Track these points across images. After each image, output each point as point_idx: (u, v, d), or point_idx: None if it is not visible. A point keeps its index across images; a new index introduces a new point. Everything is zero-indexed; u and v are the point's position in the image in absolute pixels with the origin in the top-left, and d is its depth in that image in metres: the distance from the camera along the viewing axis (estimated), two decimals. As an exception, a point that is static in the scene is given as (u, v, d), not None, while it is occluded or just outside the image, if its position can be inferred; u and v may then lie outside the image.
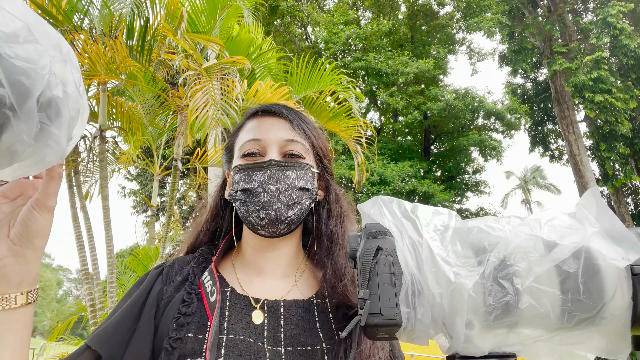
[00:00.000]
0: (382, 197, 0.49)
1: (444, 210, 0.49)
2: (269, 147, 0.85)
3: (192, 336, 0.75)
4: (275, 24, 16.74)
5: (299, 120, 0.90)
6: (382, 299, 0.45)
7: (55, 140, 0.49)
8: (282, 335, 0.79)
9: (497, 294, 0.42)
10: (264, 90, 4.41)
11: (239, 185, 0.84)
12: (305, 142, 0.88)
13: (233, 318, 0.79)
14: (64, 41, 0.52)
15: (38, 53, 0.45)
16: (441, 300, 0.43)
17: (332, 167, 0.94)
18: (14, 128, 0.44)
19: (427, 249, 0.44)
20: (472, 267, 0.44)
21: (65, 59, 0.51)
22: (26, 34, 0.45)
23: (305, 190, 0.85)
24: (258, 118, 0.90)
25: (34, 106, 0.44)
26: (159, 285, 0.84)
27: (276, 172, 0.82)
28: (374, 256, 0.46)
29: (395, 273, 0.46)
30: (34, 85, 0.44)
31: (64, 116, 0.49)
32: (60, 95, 0.48)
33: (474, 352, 0.44)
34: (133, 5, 4.26)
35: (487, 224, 0.46)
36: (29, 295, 0.60)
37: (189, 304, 0.79)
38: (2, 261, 0.57)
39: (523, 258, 0.43)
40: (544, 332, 0.44)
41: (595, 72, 14.63)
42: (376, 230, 0.49)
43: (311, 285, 0.89)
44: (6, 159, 0.46)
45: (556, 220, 0.46)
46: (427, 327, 0.44)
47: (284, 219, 0.82)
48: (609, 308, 0.43)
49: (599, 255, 0.43)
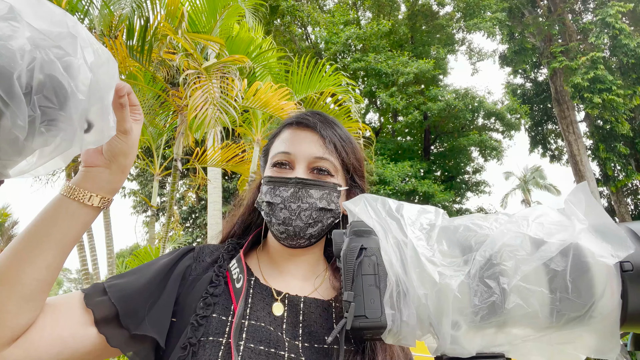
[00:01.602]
0: (366, 195, 0.48)
1: (431, 209, 0.48)
2: (298, 162, 0.88)
3: (216, 317, 0.78)
4: (275, 24, 16.73)
5: (332, 135, 0.90)
6: (366, 301, 0.44)
7: (67, 122, 0.47)
8: (300, 331, 0.81)
9: (482, 294, 0.42)
10: (263, 90, 4.40)
11: (264, 197, 0.87)
12: (335, 159, 0.89)
13: (255, 306, 0.82)
14: (69, 17, 0.50)
15: (12, 29, 0.43)
16: (426, 301, 0.42)
17: (364, 183, 0.96)
18: (5, 114, 0.42)
19: (411, 248, 0.43)
20: (458, 267, 0.43)
21: (72, 34, 0.49)
22: (5, 12, 0.43)
23: (327, 210, 0.86)
24: (293, 129, 0.92)
25: (18, 88, 0.43)
26: (188, 261, 0.88)
27: (299, 191, 0.84)
28: (358, 256, 0.45)
29: (379, 274, 0.45)
30: (9, 63, 0.42)
31: (70, 95, 0.47)
32: (60, 74, 0.46)
33: (461, 353, 0.43)
34: (133, 5, 4.25)
35: (474, 222, 0.45)
36: (102, 200, 0.71)
37: (217, 285, 0.82)
38: (96, 168, 0.70)
39: (510, 256, 0.42)
40: (533, 331, 0.43)
41: (592, 72, 14.60)
42: (360, 229, 0.48)
43: (330, 290, 0.91)
44: (11, 147, 0.45)
45: (544, 217, 0.45)
46: (413, 328, 0.43)
47: (303, 235, 0.85)
48: (598, 306, 0.42)
49: (587, 253, 0.42)
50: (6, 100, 0.42)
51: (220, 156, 5.26)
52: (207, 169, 6.68)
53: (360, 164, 0.94)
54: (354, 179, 0.93)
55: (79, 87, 0.49)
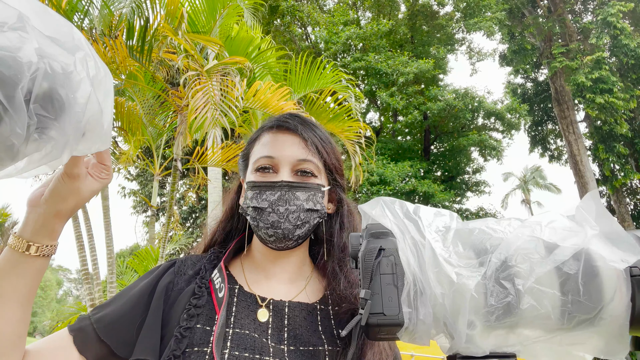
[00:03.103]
0: (383, 198, 0.49)
1: (445, 212, 0.49)
2: (282, 166, 0.88)
3: (200, 327, 0.78)
4: (275, 24, 16.73)
5: (312, 136, 0.91)
6: (384, 299, 0.45)
7: (59, 132, 0.48)
8: (285, 335, 0.81)
9: (498, 294, 0.43)
10: (263, 91, 4.40)
11: (250, 202, 0.87)
12: (317, 160, 0.90)
13: (240, 314, 0.82)
14: (75, 29, 0.51)
15: (21, 40, 0.43)
16: (443, 300, 0.43)
17: (344, 182, 0.97)
18: (5, 121, 0.43)
19: (429, 249, 0.45)
20: (474, 268, 0.44)
21: (77, 46, 0.49)
22: (14, 21, 0.44)
23: (314, 211, 0.87)
24: (273, 133, 0.92)
25: (20, 97, 0.43)
26: (170, 277, 0.88)
27: (286, 194, 0.85)
28: (377, 256, 0.47)
29: (397, 273, 0.46)
30: (16, 75, 0.42)
31: (67, 107, 0.48)
32: (59, 85, 0.47)
33: (475, 352, 0.44)
34: (133, 5, 4.25)
35: (488, 226, 0.47)
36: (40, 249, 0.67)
37: (199, 296, 0.83)
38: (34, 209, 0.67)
39: (524, 259, 0.43)
40: (544, 332, 0.44)
41: (596, 73, 14.63)
42: (378, 231, 0.49)
43: (316, 292, 0.92)
44: (6, 153, 0.45)
45: (556, 222, 0.46)
46: (428, 327, 0.44)
47: (292, 237, 0.86)
48: (608, 309, 0.43)
49: (598, 257, 0.43)
50: (8, 108, 0.43)
51: (221, 156, 5.27)
52: (207, 169, 6.68)
53: (339, 163, 0.95)
54: (335, 179, 0.94)
55: (78, 99, 0.49)
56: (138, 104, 5.27)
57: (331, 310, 0.88)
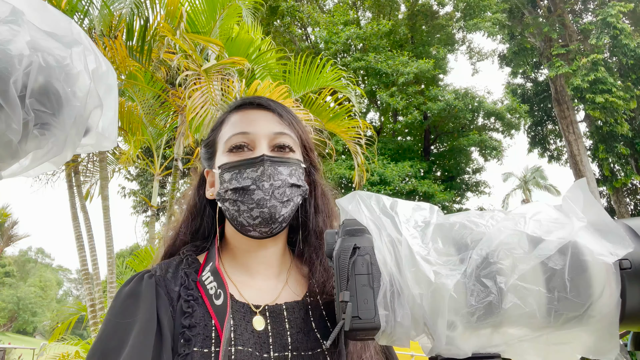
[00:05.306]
0: (360, 192, 0.46)
1: (425, 205, 0.47)
2: (258, 141, 0.81)
3: (198, 351, 0.70)
4: (275, 24, 16.72)
5: (286, 112, 0.87)
6: (359, 302, 0.43)
7: (58, 127, 0.47)
8: (288, 339, 0.76)
9: (479, 293, 0.40)
10: (262, 90, 4.39)
11: (229, 184, 0.79)
12: (294, 134, 0.85)
13: (239, 328, 0.75)
14: (74, 24, 0.50)
15: (12, 33, 0.42)
16: (421, 301, 0.41)
17: (317, 161, 0.91)
18: (0, 117, 0.42)
19: (406, 247, 0.42)
20: (454, 266, 0.41)
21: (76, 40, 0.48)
22: (6, 15, 0.43)
23: (297, 186, 0.82)
24: (242, 111, 0.86)
25: (14, 92, 0.42)
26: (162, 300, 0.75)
27: (269, 168, 0.78)
28: (351, 255, 0.44)
29: (373, 273, 0.43)
30: (7, 68, 0.42)
31: (65, 101, 0.47)
32: (55, 79, 0.45)
33: (456, 353, 0.42)
34: (133, 6, 4.24)
35: (470, 219, 0.44)
36: None
37: (190, 314, 0.73)
38: None
39: (507, 255, 0.41)
40: (530, 331, 0.42)
41: (593, 75, 14.60)
42: (354, 228, 0.46)
43: (300, 283, 0.87)
44: (5, 150, 0.44)
45: (542, 214, 0.43)
46: (407, 329, 0.42)
47: (278, 217, 0.79)
48: (597, 306, 0.41)
49: (586, 251, 0.41)
50: (1, 103, 0.42)
51: (220, 156, 5.24)
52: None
53: (310, 140, 0.90)
54: (309, 157, 0.89)
55: (76, 93, 0.48)
56: (138, 104, 5.26)
57: (320, 300, 0.83)
